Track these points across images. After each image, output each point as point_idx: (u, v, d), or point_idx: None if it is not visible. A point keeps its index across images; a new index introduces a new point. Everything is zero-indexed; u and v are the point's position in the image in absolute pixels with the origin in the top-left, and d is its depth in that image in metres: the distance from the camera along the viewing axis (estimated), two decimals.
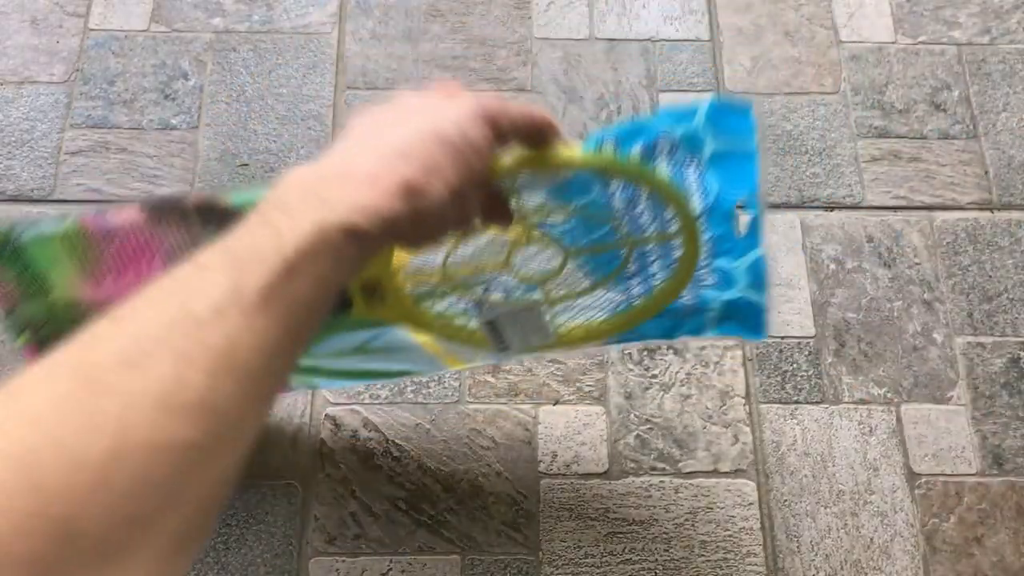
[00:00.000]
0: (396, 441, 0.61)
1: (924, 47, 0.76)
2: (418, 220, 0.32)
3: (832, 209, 0.70)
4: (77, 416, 0.22)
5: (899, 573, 0.59)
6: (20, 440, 0.21)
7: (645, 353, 0.65)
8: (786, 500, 0.61)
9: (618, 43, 0.76)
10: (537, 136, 0.37)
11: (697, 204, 0.43)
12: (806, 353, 0.65)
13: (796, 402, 0.64)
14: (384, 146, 0.32)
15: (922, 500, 0.61)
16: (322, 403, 0.62)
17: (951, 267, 0.68)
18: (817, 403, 0.64)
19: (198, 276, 0.27)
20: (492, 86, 0.73)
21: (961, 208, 0.70)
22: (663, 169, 0.42)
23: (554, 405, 0.63)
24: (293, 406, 0.62)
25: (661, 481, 0.61)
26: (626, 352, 0.65)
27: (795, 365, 0.65)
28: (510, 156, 0.37)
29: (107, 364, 0.24)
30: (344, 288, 0.42)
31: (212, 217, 0.44)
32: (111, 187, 0.69)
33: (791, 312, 0.66)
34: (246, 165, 0.70)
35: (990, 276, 0.68)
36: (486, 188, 0.37)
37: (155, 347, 0.24)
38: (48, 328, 0.49)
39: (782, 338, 0.65)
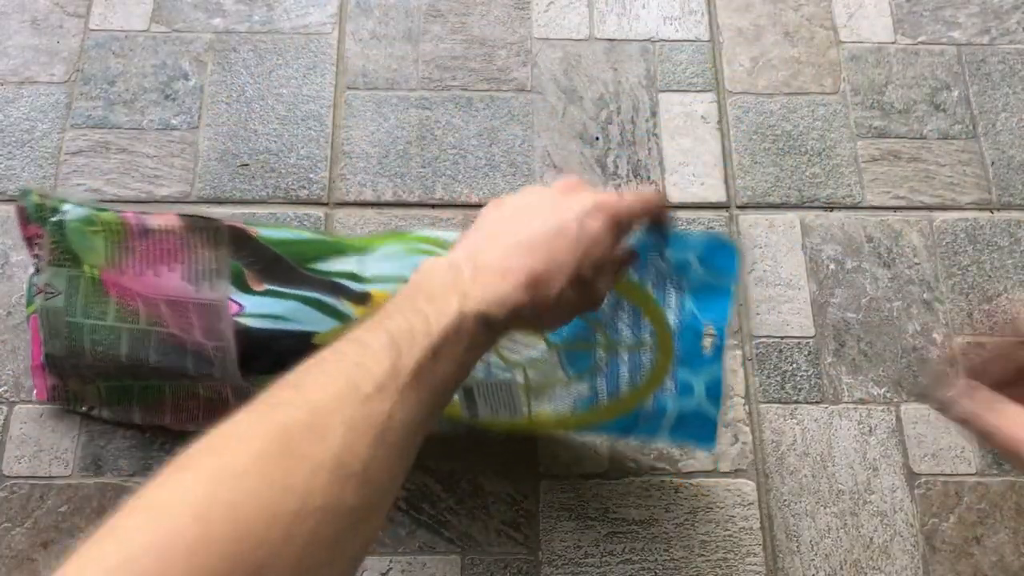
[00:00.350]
0: None
1: (924, 47, 0.76)
2: (541, 307, 0.35)
3: (832, 209, 0.70)
4: (273, 475, 0.24)
5: (899, 573, 0.59)
6: (228, 491, 0.24)
7: None
8: (786, 500, 0.61)
9: (618, 43, 0.76)
10: (655, 218, 0.42)
11: (673, 320, 0.49)
12: (806, 353, 0.65)
13: (796, 402, 0.64)
14: (513, 240, 0.36)
15: (922, 500, 0.61)
16: None
17: (951, 267, 0.68)
18: (817, 403, 0.64)
19: (362, 353, 0.30)
20: (492, 86, 0.74)
21: (961, 208, 0.70)
22: (648, 287, 0.47)
23: None
24: None
25: (661, 481, 0.61)
26: None
27: (795, 365, 0.65)
28: None
29: (294, 429, 0.26)
30: None
31: (244, 246, 0.46)
32: (111, 187, 0.69)
33: (791, 312, 0.66)
34: (246, 165, 0.70)
35: (990, 276, 0.68)
36: (614, 274, 0.41)
37: (330, 418, 0.27)
38: (58, 300, 0.50)
39: (782, 338, 0.66)
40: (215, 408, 0.58)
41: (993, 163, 0.72)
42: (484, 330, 0.33)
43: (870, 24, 0.77)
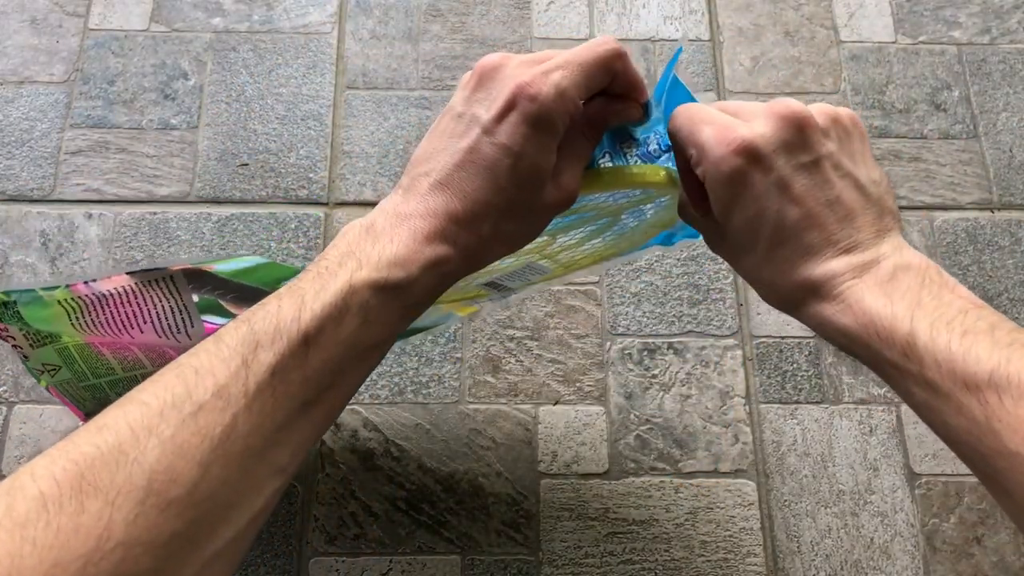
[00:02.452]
0: (396, 441, 0.61)
1: (924, 47, 0.76)
2: (472, 251, 0.31)
3: None
4: (59, 519, 0.22)
5: (899, 573, 0.59)
6: (4, 545, 0.21)
7: (645, 353, 0.65)
8: (786, 500, 0.61)
9: None
10: (615, 85, 0.33)
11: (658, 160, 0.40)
12: (806, 353, 0.65)
13: (796, 402, 0.64)
14: (424, 179, 0.31)
15: (922, 500, 0.61)
16: None
17: (951, 267, 0.68)
18: (817, 403, 0.64)
19: (212, 354, 0.26)
20: None
21: (961, 208, 0.70)
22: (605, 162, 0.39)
23: (554, 405, 0.63)
24: None
25: (661, 481, 0.61)
26: (626, 352, 0.65)
27: (795, 365, 0.65)
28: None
29: (98, 459, 0.23)
30: None
31: (204, 284, 0.44)
32: (111, 187, 0.69)
33: None
34: (246, 165, 0.70)
35: (990, 276, 0.68)
36: (574, 169, 0.33)
37: (146, 437, 0.24)
38: (63, 372, 0.49)
39: (782, 338, 0.65)
40: None
41: (994, 163, 0.72)
42: (387, 298, 0.28)
43: (870, 24, 0.77)
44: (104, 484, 0.23)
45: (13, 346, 0.47)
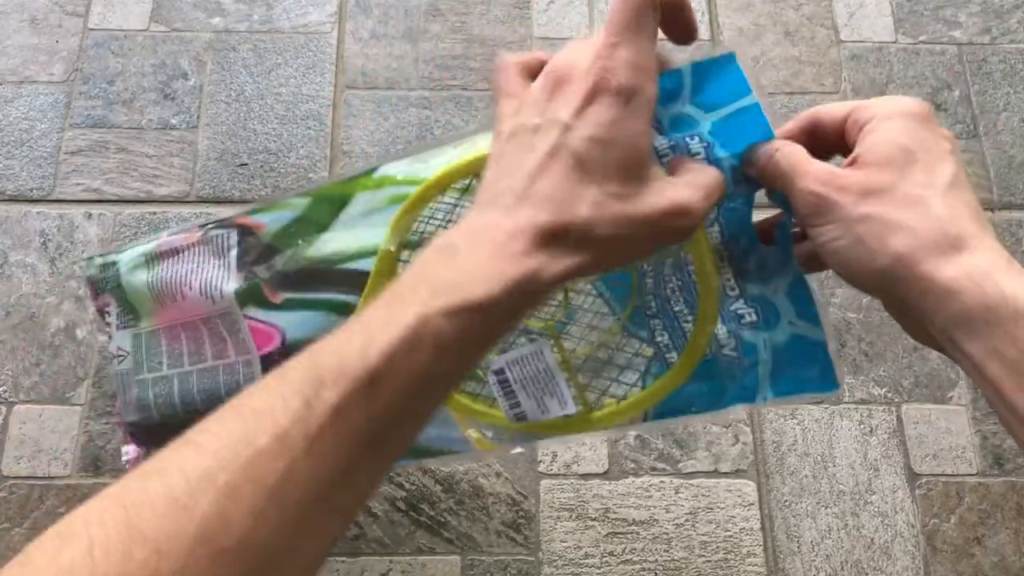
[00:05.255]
0: None
1: (924, 47, 0.76)
2: (582, 264, 0.27)
3: None
4: (105, 566, 0.21)
5: (900, 573, 0.59)
6: None
7: None
8: (786, 500, 0.61)
9: None
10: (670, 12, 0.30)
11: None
12: None
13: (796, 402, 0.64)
14: (508, 191, 0.28)
15: (923, 500, 0.61)
16: None
17: None
18: (817, 403, 0.63)
19: (272, 393, 0.25)
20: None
21: None
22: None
23: None
24: None
25: (661, 481, 0.61)
26: None
27: None
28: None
29: (148, 505, 0.23)
30: None
31: (252, 250, 0.45)
32: (110, 187, 0.69)
33: None
34: (245, 165, 0.70)
35: None
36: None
37: (200, 485, 0.23)
38: (128, 361, 0.51)
39: None
40: None
41: (994, 163, 0.72)
42: (464, 323, 0.26)
43: (871, 23, 0.77)
44: (153, 532, 0.22)
45: (106, 323, 0.50)
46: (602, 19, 0.76)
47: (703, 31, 0.76)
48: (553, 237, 0.27)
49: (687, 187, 0.30)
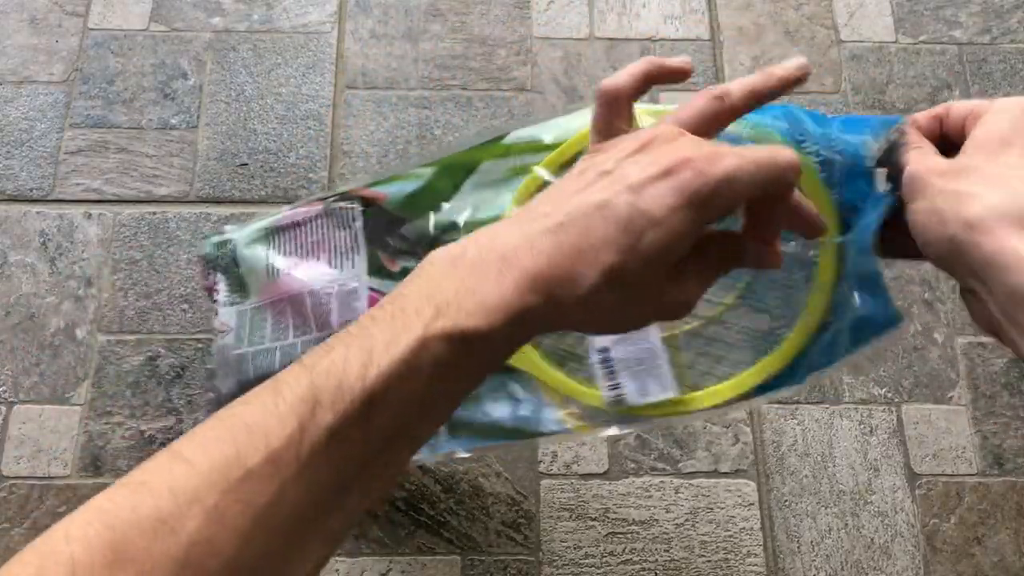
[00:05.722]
0: None
1: (925, 47, 0.76)
2: (563, 312, 0.26)
3: None
4: None
5: (900, 573, 0.59)
6: None
7: None
8: (786, 500, 0.61)
9: (618, 42, 0.76)
10: (773, 198, 0.28)
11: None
12: None
13: (796, 402, 0.63)
14: (540, 221, 0.27)
15: (923, 500, 0.61)
16: None
17: None
18: (817, 403, 0.64)
19: (266, 410, 0.24)
20: (492, 85, 0.73)
21: None
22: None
23: None
24: None
25: (661, 481, 0.61)
26: None
27: None
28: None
29: (135, 526, 0.22)
30: None
31: (374, 215, 0.47)
32: (110, 187, 0.69)
33: None
34: (245, 165, 0.70)
35: None
36: (701, 279, 0.29)
37: (187, 505, 0.22)
38: (229, 337, 0.52)
39: None
40: None
41: None
42: (462, 350, 0.25)
43: (871, 23, 0.77)
44: (138, 554, 0.22)
45: (213, 301, 0.51)
46: (602, 19, 0.76)
47: (703, 31, 0.76)
48: (569, 277, 0.26)
49: (696, 289, 0.29)
